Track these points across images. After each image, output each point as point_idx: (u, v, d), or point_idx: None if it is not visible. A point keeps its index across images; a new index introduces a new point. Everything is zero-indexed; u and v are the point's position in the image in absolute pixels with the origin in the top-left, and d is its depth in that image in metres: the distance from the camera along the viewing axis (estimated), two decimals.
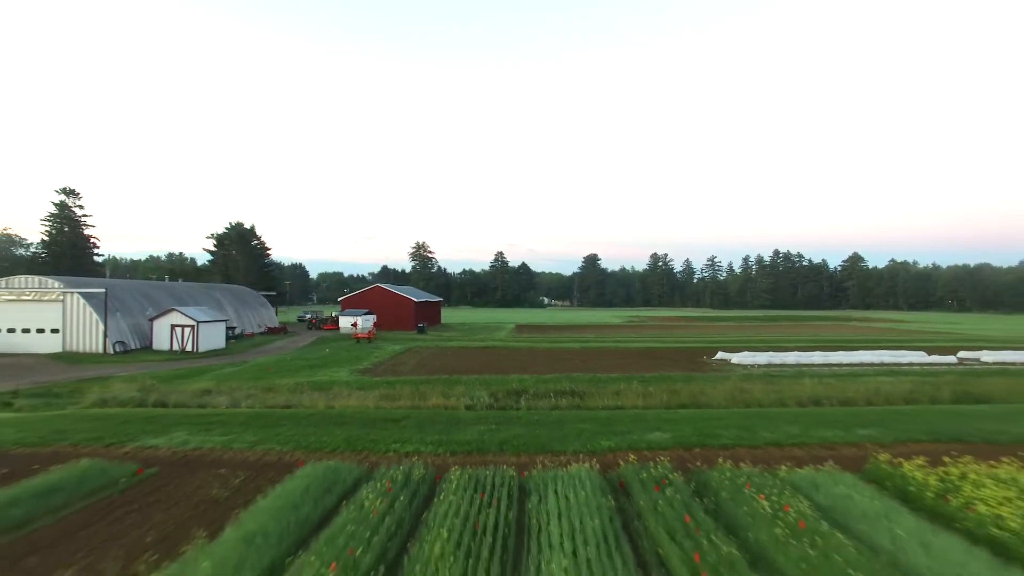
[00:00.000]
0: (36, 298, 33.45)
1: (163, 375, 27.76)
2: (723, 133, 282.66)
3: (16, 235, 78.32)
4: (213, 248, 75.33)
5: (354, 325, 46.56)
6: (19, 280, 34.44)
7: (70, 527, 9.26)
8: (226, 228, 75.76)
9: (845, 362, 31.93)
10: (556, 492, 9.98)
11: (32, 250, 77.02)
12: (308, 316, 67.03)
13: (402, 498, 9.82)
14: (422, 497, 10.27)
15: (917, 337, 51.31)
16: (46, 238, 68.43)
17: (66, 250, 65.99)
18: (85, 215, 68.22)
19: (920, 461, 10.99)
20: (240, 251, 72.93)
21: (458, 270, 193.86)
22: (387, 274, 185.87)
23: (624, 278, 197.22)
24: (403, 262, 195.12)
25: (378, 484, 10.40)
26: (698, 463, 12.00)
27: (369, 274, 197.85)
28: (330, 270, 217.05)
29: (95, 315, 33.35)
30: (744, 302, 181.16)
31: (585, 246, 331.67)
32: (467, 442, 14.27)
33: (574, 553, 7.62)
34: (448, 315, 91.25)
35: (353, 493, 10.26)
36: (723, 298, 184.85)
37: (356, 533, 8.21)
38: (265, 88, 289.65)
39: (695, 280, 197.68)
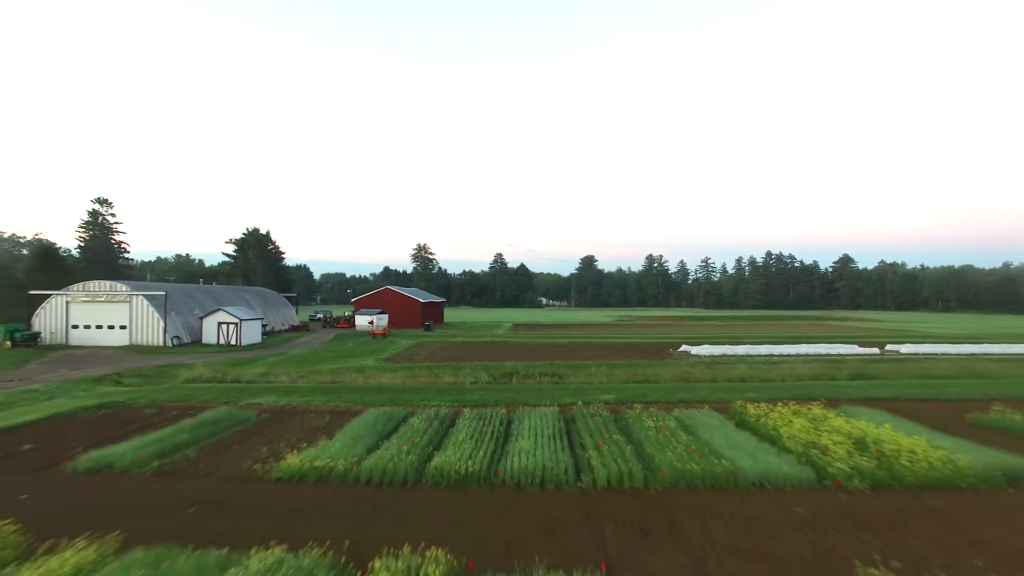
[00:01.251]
0: (108, 299, 40.06)
1: (222, 363, 34.23)
2: (720, 137, 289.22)
3: (47, 240, 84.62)
4: (233, 252, 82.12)
5: (371, 323, 53.24)
6: (94, 284, 41.05)
7: (240, 438, 15.80)
8: (244, 233, 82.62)
9: (785, 353, 38.44)
10: (529, 420, 16.51)
11: (62, 253, 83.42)
12: (320, 316, 73.39)
13: (436, 423, 16.37)
14: (447, 424, 16.77)
15: (868, 333, 57.85)
16: (81, 244, 75.05)
17: (100, 255, 72.52)
18: (116, 222, 74.94)
19: (762, 405, 17.50)
20: (258, 255, 79.65)
21: (457, 270, 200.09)
22: (389, 275, 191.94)
23: (620, 279, 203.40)
24: (402, 262, 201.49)
25: (419, 418, 16.91)
26: (624, 409, 18.51)
27: (371, 275, 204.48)
28: (330, 270, 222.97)
29: (156, 314, 39.92)
30: (737, 302, 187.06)
31: (584, 246, 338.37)
32: (473, 400, 20.80)
33: (535, 440, 14.16)
34: (449, 315, 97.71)
35: (404, 422, 16.78)
36: (717, 298, 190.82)
37: (413, 436, 14.74)
38: (266, 89, 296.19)
39: (690, 281, 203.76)
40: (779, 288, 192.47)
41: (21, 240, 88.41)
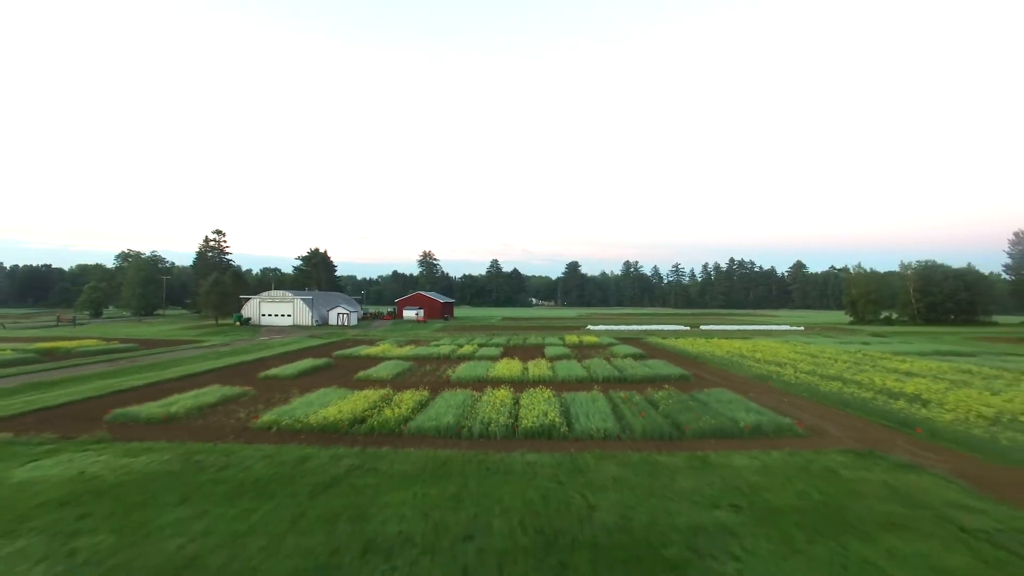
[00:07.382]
0: (280, 300, 78.28)
1: (357, 332, 72.49)
2: (703, 151, 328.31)
3: (160, 256, 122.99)
4: (302, 266, 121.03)
5: (416, 315, 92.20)
6: (273, 292, 79.39)
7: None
8: (308, 252, 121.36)
9: (640, 328, 76.99)
10: (496, 338, 55.31)
11: (171, 269, 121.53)
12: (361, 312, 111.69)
13: (470, 340, 55.18)
14: (472, 339, 55.48)
15: (728, 321, 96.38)
16: (197, 258, 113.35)
17: (215, 271, 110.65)
18: (226, 246, 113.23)
19: (570, 334, 56.19)
20: (321, 268, 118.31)
21: (454, 268, 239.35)
22: (398, 278, 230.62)
23: (602, 281, 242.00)
24: (402, 263, 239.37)
25: (465, 337, 55.60)
26: (529, 339, 57.16)
27: (379, 276, 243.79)
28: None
29: (306, 307, 78.19)
30: (704, 303, 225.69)
31: (577, 246, 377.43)
32: (480, 336, 59.56)
33: (498, 341, 52.95)
34: (455, 312, 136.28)
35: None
36: (686, 300, 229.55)
37: (468, 340, 53.53)
38: (269, 90, 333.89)
39: (664, 284, 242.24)
40: (741, 291, 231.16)
41: (142, 255, 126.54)
